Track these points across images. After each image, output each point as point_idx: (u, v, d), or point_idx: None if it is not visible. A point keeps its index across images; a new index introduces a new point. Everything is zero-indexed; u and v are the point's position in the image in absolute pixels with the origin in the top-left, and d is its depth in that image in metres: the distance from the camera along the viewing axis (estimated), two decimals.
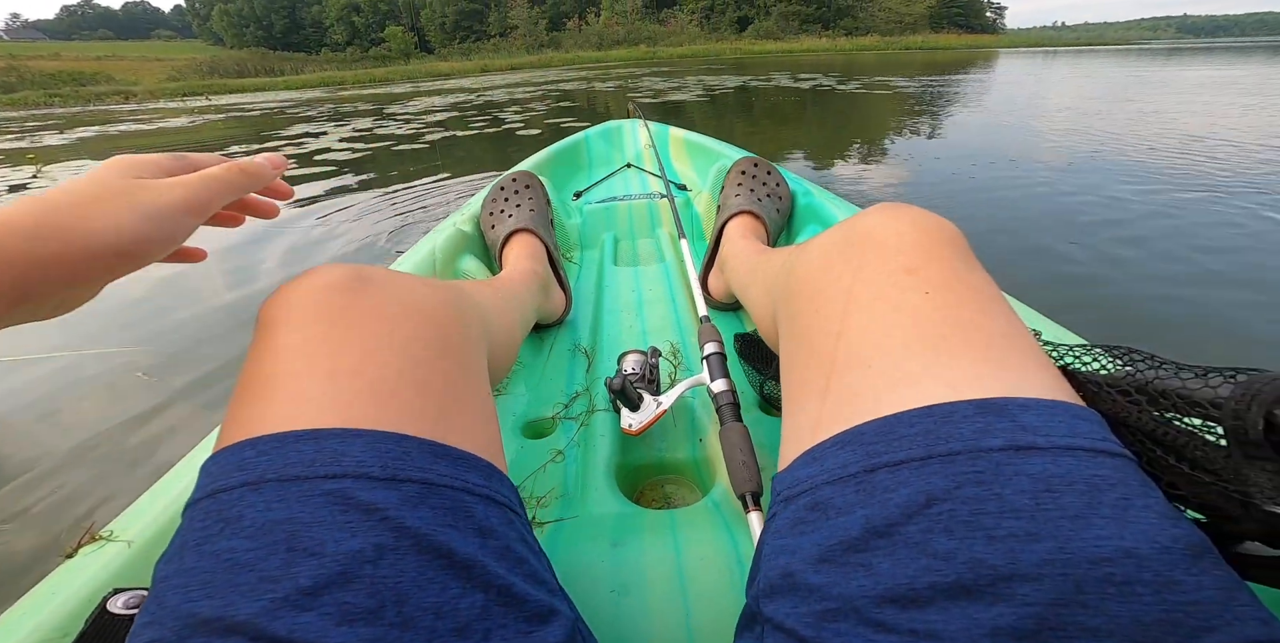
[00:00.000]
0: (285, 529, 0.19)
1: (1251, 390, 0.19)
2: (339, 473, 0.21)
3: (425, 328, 0.27)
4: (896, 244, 0.26)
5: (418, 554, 0.20)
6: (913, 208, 0.28)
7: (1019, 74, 7.97)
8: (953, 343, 0.22)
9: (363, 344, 0.25)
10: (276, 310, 0.26)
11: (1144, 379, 0.22)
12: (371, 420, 0.22)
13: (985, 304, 0.24)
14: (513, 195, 0.79)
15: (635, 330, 0.67)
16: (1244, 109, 3.61)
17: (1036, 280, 1.21)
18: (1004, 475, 0.18)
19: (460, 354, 0.29)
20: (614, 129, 1.47)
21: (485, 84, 10.85)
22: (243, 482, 0.20)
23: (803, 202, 0.80)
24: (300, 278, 0.27)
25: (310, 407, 0.22)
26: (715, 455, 0.46)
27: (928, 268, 0.25)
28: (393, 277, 0.29)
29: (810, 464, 0.23)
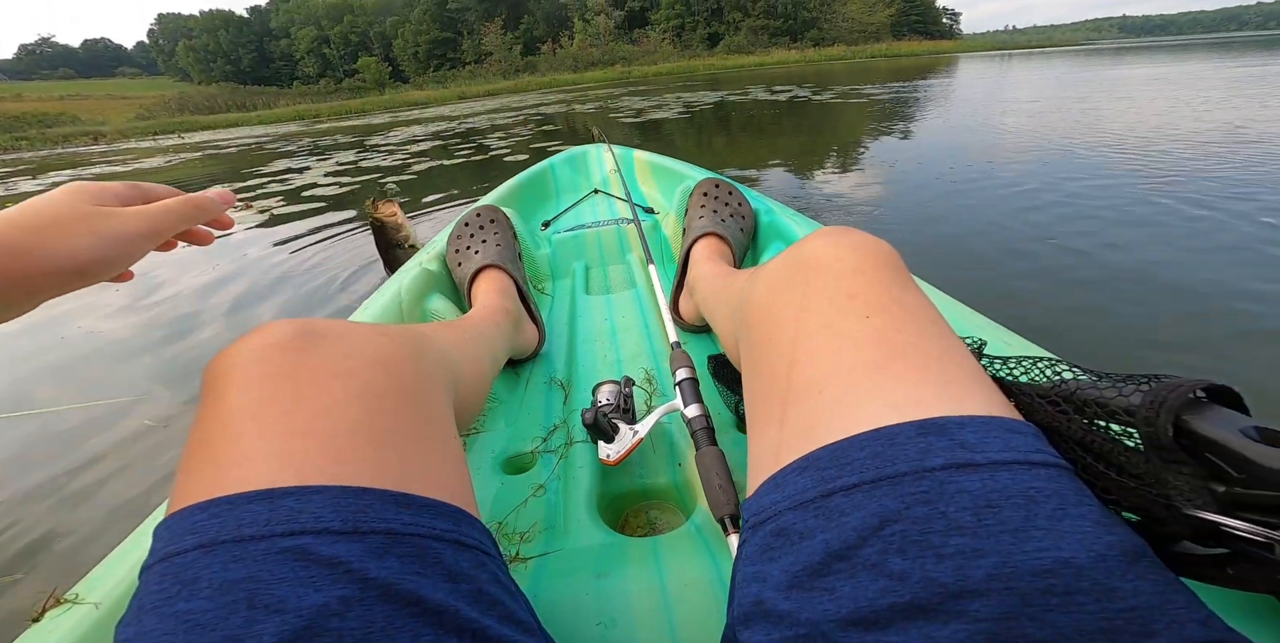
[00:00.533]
0: (245, 588, 0.19)
1: (1159, 398, 0.19)
2: (297, 530, 0.20)
3: (380, 379, 0.27)
4: (838, 270, 0.27)
5: (385, 604, 0.20)
6: (851, 232, 0.29)
7: (984, 76, 8.21)
8: (894, 366, 0.23)
9: (314, 401, 0.24)
10: (222, 371, 0.25)
11: (1068, 389, 0.23)
12: (329, 477, 0.22)
13: (922, 325, 0.25)
14: (478, 231, 0.78)
15: (610, 359, 0.67)
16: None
17: (1031, 274, 1.23)
18: (947, 494, 0.19)
19: (420, 402, 0.28)
20: (579, 155, 1.46)
21: (464, 111, 10.90)
22: (196, 544, 0.20)
23: (765, 219, 0.80)
24: (246, 337, 0.26)
25: (263, 467, 0.22)
26: (695, 478, 0.45)
27: (867, 292, 0.26)
28: (345, 329, 0.28)
29: (773, 491, 0.23)
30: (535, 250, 0.95)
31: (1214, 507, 0.19)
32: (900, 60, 19.86)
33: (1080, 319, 1.07)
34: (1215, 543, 0.20)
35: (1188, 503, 0.19)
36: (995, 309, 0.55)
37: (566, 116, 6.98)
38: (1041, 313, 1.11)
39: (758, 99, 6.86)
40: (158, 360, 1.29)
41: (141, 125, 17.93)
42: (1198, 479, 0.19)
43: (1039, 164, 2.33)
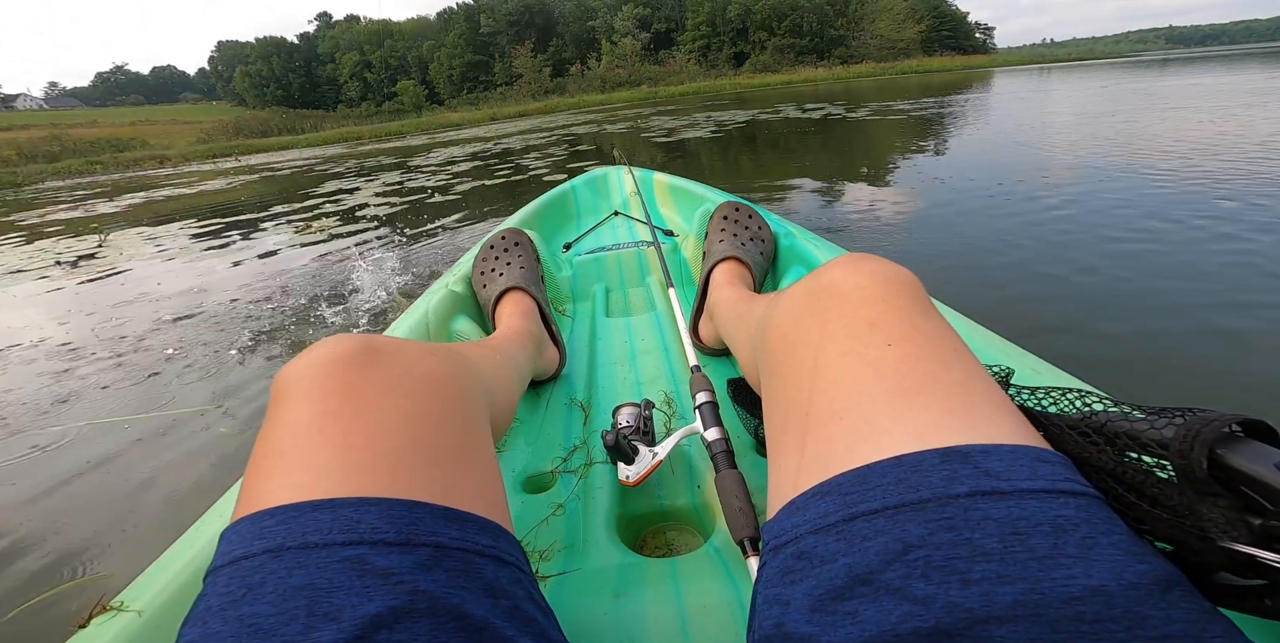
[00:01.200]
0: (306, 595, 0.20)
1: (1193, 431, 0.19)
2: (355, 540, 0.21)
3: (432, 398, 0.29)
4: (858, 298, 0.27)
5: (432, 617, 0.21)
6: (871, 259, 0.30)
7: (1024, 91, 8.12)
8: (916, 394, 0.23)
9: (373, 417, 0.26)
10: (289, 384, 0.27)
11: (1099, 421, 0.23)
12: (384, 489, 0.24)
13: (945, 354, 0.25)
14: (502, 254, 0.80)
15: (629, 382, 0.67)
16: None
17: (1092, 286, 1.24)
18: (972, 520, 0.19)
19: (465, 420, 0.30)
20: (599, 177, 1.48)
21: (498, 132, 11.20)
22: (264, 549, 0.21)
23: (785, 243, 0.80)
24: (311, 351, 0.28)
25: (326, 478, 0.23)
26: (714, 501, 0.46)
27: (888, 320, 0.26)
28: (400, 347, 0.30)
29: (794, 514, 0.23)
30: (557, 273, 0.96)
31: (1249, 539, 0.19)
32: (931, 76, 19.67)
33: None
34: (1254, 574, 0.19)
35: (1223, 535, 0.19)
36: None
37: (597, 137, 7.16)
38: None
39: (789, 117, 6.92)
40: (226, 370, 1.42)
41: (202, 149, 19.13)
42: (1233, 512, 0.19)
43: (1094, 181, 2.34)
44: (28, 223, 5.22)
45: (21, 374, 1.50)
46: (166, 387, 1.33)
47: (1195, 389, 0.94)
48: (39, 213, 6.11)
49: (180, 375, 1.39)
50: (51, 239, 3.89)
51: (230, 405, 1.21)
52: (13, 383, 1.44)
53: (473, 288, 0.79)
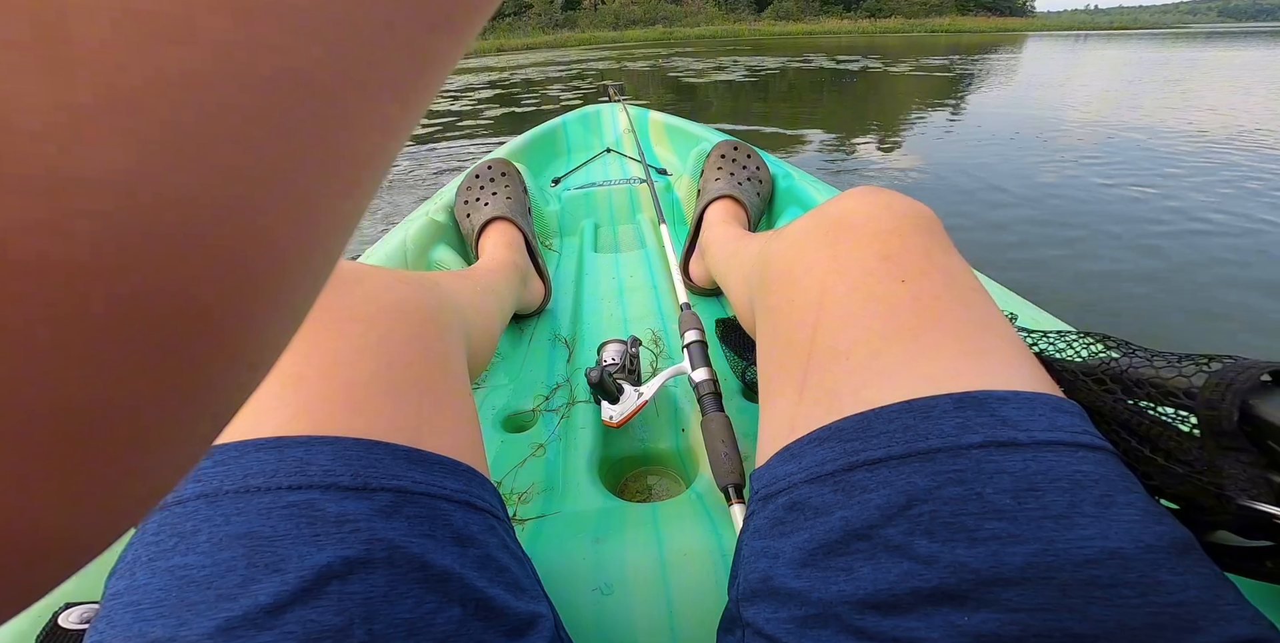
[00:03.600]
0: (245, 544, 0.18)
1: (1226, 379, 0.18)
2: (304, 483, 0.19)
3: (401, 327, 0.26)
4: (872, 230, 0.25)
5: (390, 568, 0.19)
6: (886, 191, 0.28)
7: (1064, 55, 7.88)
8: (931, 334, 0.21)
9: (333, 346, 0.23)
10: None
11: (1118, 367, 0.22)
12: (342, 428, 0.21)
13: (962, 292, 0.23)
14: (488, 183, 0.77)
15: (616, 319, 0.66)
16: None
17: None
18: (985, 473, 0.18)
19: (438, 354, 0.27)
20: (592, 114, 1.44)
21: (509, 63, 10.73)
22: (198, 493, 0.19)
23: (783, 185, 0.79)
24: None
25: (274, 414, 0.21)
26: (698, 446, 0.45)
27: (903, 255, 0.24)
28: (366, 272, 0.27)
29: (788, 461, 0.22)
30: (544, 207, 0.94)
31: (1270, 498, 0.18)
32: (961, 37, 18.90)
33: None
34: (1263, 536, 0.19)
35: (1242, 493, 0.18)
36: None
37: (623, 74, 6.91)
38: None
39: (824, 67, 6.71)
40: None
41: None
42: (1257, 469, 0.18)
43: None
44: None
45: None
46: None
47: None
48: None
49: None
50: None
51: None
52: None
53: (455, 218, 0.76)
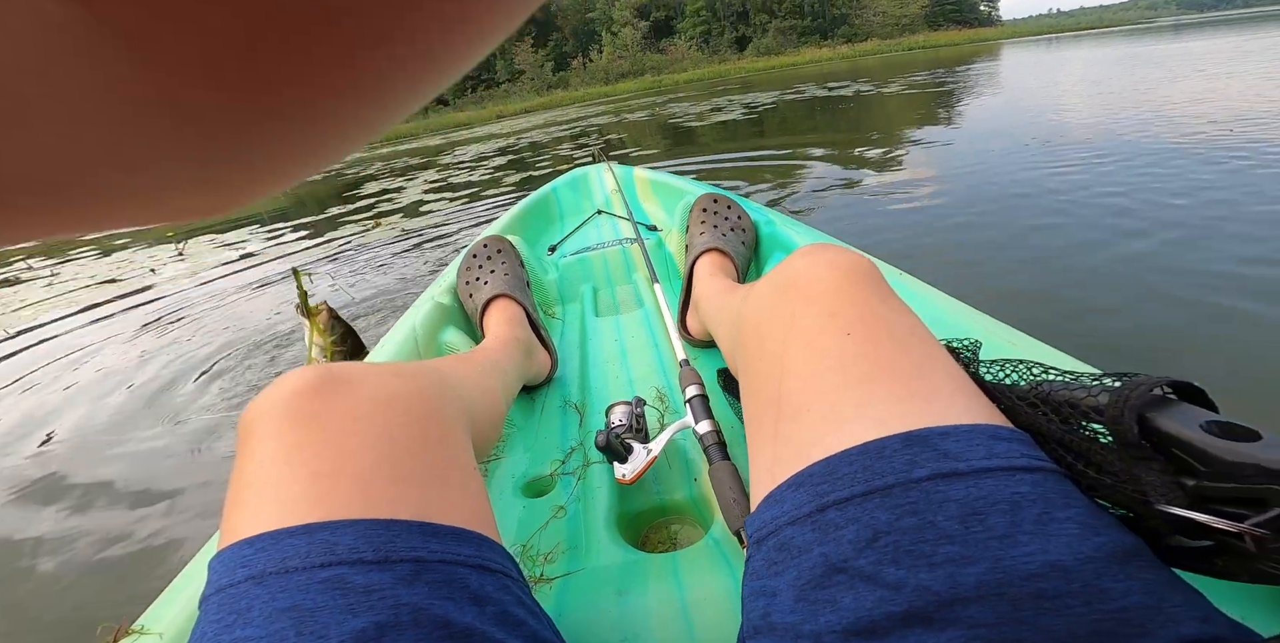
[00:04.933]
0: (291, 616, 0.21)
1: (1123, 397, 0.20)
2: (334, 561, 0.22)
3: (399, 419, 0.29)
4: (819, 290, 0.28)
5: (417, 628, 0.21)
6: (829, 249, 0.31)
7: (1043, 57, 8.00)
8: (876, 382, 0.24)
9: (339, 444, 0.26)
10: (253, 421, 0.28)
11: (1044, 391, 0.24)
12: (358, 511, 0.24)
13: (903, 339, 0.26)
14: (485, 262, 0.80)
15: (622, 380, 0.68)
16: None
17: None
18: (934, 503, 0.20)
19: (438, 436, 0.30)
20: (580, 177, 1.50)
21: (512, 129, 11.15)
22: (247, 576, 0.22)
23: (766, 231, 0.81)
24: (272, 387, 0.29)
25: (298, 506, 0.24)
26: (712, 493, 0.46)
27: (847, 310, 0.27)
28: (362, 373, 0.30)
29: (773, 506, 0.24)
30: (543, 276, 0.96)
31: (1184, 501, 0.19)
32: (940, 51, 19.31)
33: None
34: (1204, 536, 0.20)
35: (1160, 499, 0.19)
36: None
37: (621, 126, 7.18)
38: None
39: (817, 96, 6.85)
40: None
41: None
42: (1168, 475, 0.20)
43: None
44: (90, 237, 5.39)
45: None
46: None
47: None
48: None
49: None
50: (127, 250, 4.05)
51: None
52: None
53: (459, 299, 0.79)
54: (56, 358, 1.82)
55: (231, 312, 1.98)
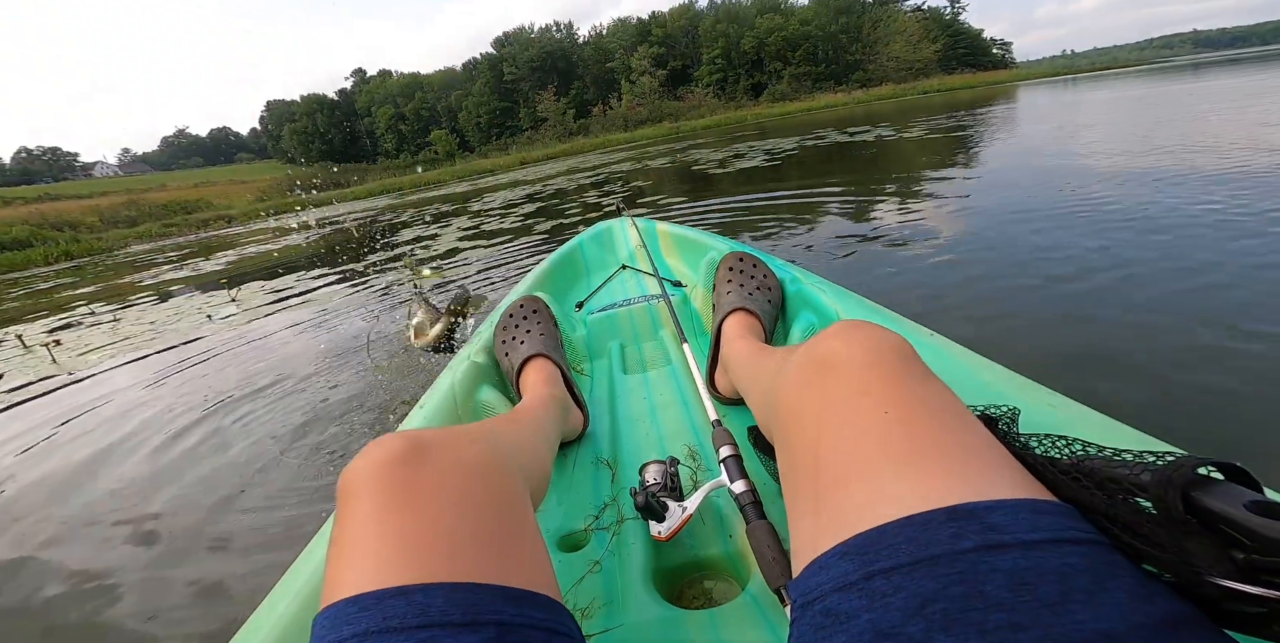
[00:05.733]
0: None
1: (1166, 477, 0.21)
2: (428, 623, 0.25)
3: (478, 485, 0.32)
4: (851, 368, 0.29)
5: None
6: (861, 326, 0.32)
7: (1063, 97, 8.07)
8: (918, 457, 0.25)
9: (426, 509, 0.29)
10: (351, 483, 0.31)
11: (1088, 467, 0.25)
12: (446, 574, 0.27)
13: (940, 416, 0.27)
14: (522, 321, 0.83)
15: (652, 437, 0.69)
16: None
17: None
18: (982, 573, 0.20)
19: (509, 500, 0.34)
20: (604, 232, 1.53)
21: (536, 175, 11.43)
22: (353, 634, 0.25)
23: (792, 289, 0.82)
24: (366, 452, 0.32)
25: (394, 567, 0.27)
26: (748, 549, 0.47)
27: (881, 388, 0.28)
28: (444, 440, 0.33)
29: (818, 573, 0.25)
30: (572, 333, 0.98)
31: (1234, 573, 0.20)
32: (956, 94, 19.66)
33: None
34: (1255, 603, 0.20)
35: (1210, 571, 0.20)
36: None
37: (647, 173, 7.31)
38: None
39: (839, 142, 6.91)
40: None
41: (261, 206, 20.57)
42: (1216, 548, 0.20)
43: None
44: (147, 284, 5.70)
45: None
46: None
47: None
48: (149, 273, 6.63)
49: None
50: (181, 297, 4.24)
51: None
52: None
53: (494, 357, 0.82)
54: (117, 402, 1.83)
55: (285, 354, 2.02)
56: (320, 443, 1.34)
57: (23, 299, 6.34)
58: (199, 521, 1.11)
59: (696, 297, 1.02)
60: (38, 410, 2.04)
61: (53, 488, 1.38)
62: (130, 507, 1.22)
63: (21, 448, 1.69)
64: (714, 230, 1.46)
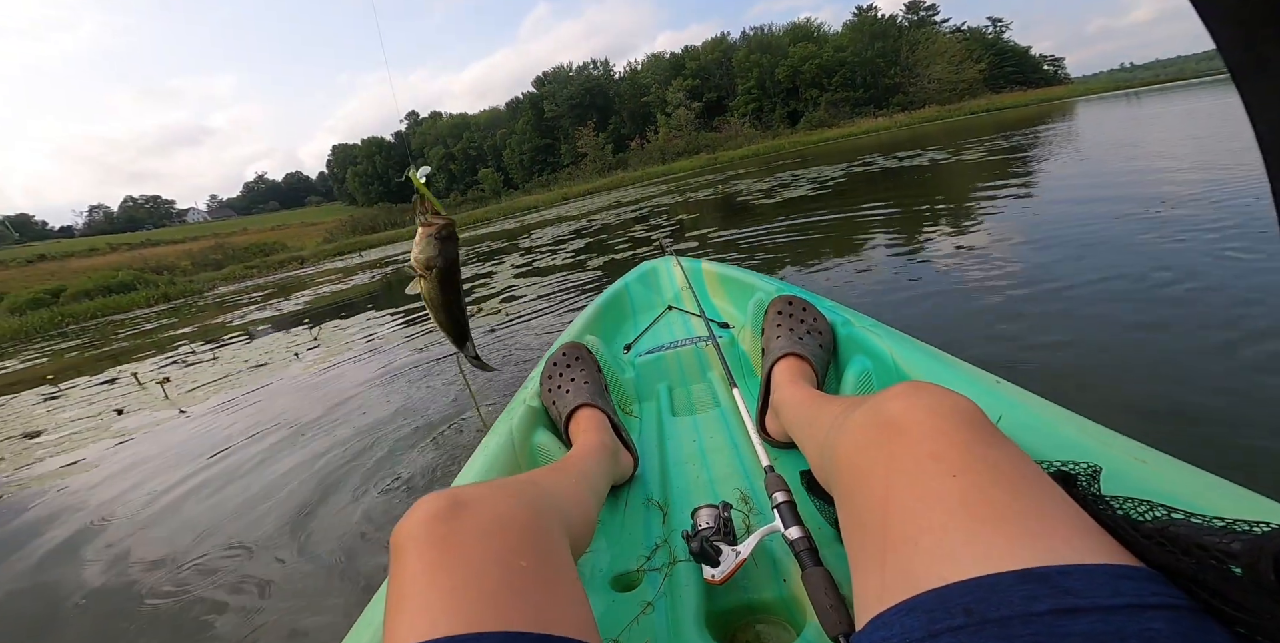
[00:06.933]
0: None
1: (1257, 545, 0.21)
2: None
3: (516, 538, 0.34)
4: (919, 432, 0.30)
5: None
6: (930, 389, 0.32)
7: (1133, 112, 7.63)
8: (987, 521, 0.25)
9: (467, 562, 0.31)
10: (400, 542, 0.34)
11: (1174, 533, 0.24)
12: (491, 623, 0.29)
13: (1011, 480, 0.27)
14: (565, 369, 0.84)
15: (702, 480, 0.69)
16: None
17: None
18: (1056, 636, 0.20)
19: (547, 550, 0.35)
20: (650, 272, 1.53)
21: (578, 211, 11.58)
22: None
23: (843, 332, 0.81)
24: (412, 511, 0.35)
25: (445, 618, 0.29)
26: (802, 594, 0.46)
27: (949, 452, 0.28)
28: (482, 496, 0.36)
29: (881, 629, 0.25)
30: (620, 375, 0.99)
31: None
32: (1005, 114, 18.98)
33: None
34: None
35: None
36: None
37: (691, 206, 7.37)
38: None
39: (889, 167, 6.73)
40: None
41: (329, 248, 22.25)
42: None
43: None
44: (237, 323, 6.18)
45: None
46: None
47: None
48: (237, 314, 7.19)
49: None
50: (268, 336, 4.59)
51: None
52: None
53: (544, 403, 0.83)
54: (240, 437, 1.95)
55: (365, 392, 2.09)
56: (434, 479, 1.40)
57: (131, 339, 6.97)
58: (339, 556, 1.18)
59: (744, 338, 1.01)
60: (152, 443, 2.21)
61: (221, 517, 1.49)
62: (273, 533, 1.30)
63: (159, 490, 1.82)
64: (766, 262, 1.38)
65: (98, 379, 4.23)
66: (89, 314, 12.99)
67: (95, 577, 1.30)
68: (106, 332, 8.84)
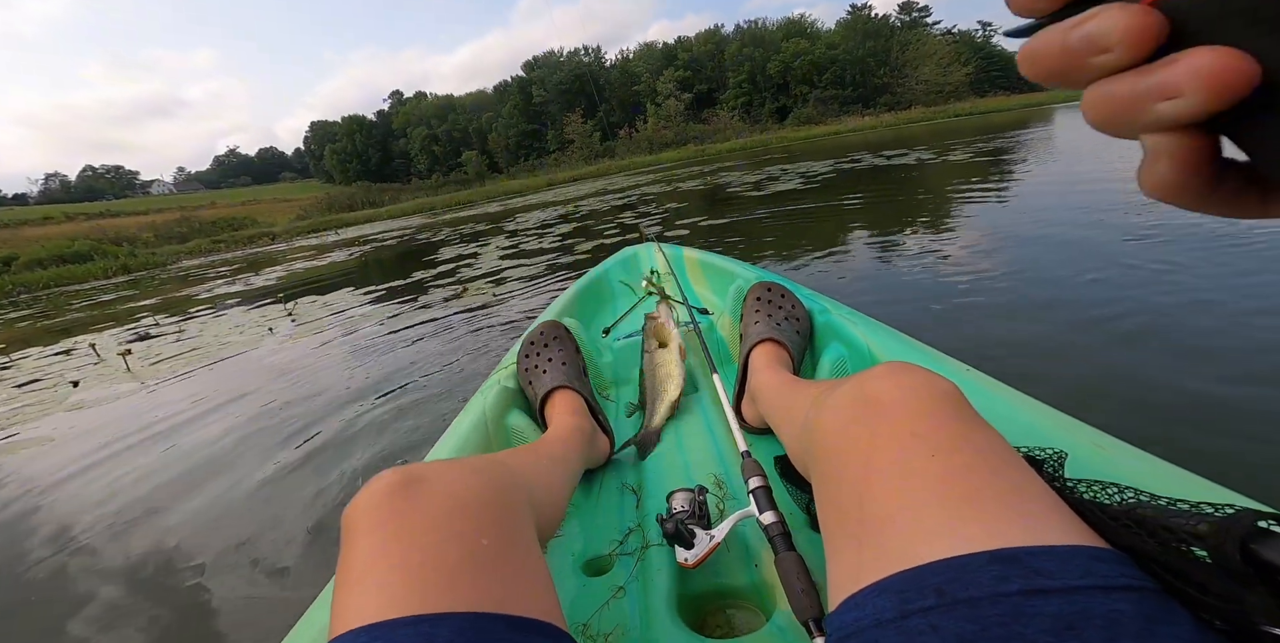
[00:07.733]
0: None
1: (1224, 527, 0.21)
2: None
3: (475, 515, 0.32)
4: (901, 411, 0.30)
5: None
6: (912, 370, 0.32)
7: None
8: (963, 501, 0.25)
9: (425, 540, 0.30)
10: (353, 518, 0.32)
11: (1140, 514, 0.24)
12: (450, 603, 0.27)
13: (988, 461, 0.27)
14: (543, 349, 0.82)
15: (678, 464, 0.69)
16: None
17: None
18: (1025, 616, 0.20)
19: (510, 529, 0.34)
20: (631, 257, 1.52)
21: (565, 196, 11.51)
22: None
23: (821, 320, 0.81)
24: (366, 487, 0.33)
25: (400, 597, 0.27)
26: (774, 580, 0.47)
27: (930, 432, 0.28)
28: (441, 472, 0.34)
29: (855, 609, 0.25)
30: (599, 358, 0.98)
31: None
32: (990, 117, 19.27)
33: None
34: None
35: (1266, 621, 0.20)
36: None
37: (681, 195, 7.33)
38: None
39: (877, 165, 6.81)
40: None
41: (302, 225, 21.56)
42: (1273, 599, 0.20)
43: None
44: (204, 297, 5.93)
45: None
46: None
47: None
48: (204, 287, 6.90)
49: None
50: (238, 310, 4.39)
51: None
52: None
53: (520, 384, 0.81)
54: (195, 411, 1.87)
55: (343, 365, 2.01)
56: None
57: (87, 310, 6.64)
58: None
59: (723, 325, 1.01)
60: (111, 417, 2.10)
61: (204, 513, 1.42)
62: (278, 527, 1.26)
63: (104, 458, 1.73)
64: (749, 249, 1.38)
65: (51, 350, 4.00)
66: (42, 284, 12.40)
67: (38, 557, 1.22)
68: (60, 302, 8.42)
